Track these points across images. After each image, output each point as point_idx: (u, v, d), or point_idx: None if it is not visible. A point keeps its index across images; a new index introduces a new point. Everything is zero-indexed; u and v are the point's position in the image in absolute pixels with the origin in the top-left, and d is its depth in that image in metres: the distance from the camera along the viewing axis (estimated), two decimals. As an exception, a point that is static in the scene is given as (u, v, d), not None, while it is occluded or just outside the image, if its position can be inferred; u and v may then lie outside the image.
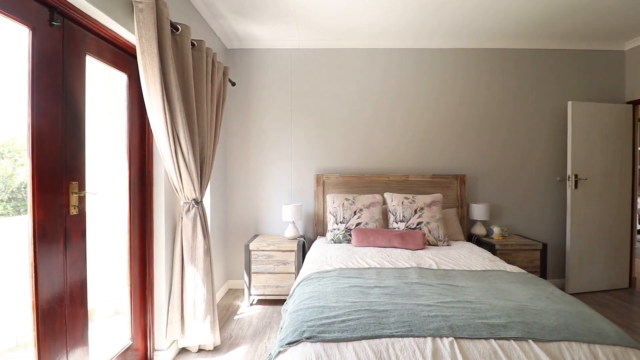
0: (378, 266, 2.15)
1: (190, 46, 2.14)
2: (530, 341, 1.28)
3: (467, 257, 2.39)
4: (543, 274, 2.99)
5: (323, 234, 3.32)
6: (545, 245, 3.01)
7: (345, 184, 3.36)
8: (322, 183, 3.36)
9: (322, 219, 3.35)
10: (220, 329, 2.56)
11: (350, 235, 2.86)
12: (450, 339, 1.28)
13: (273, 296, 2.95)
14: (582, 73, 3.47)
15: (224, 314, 2.83)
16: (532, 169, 3.47)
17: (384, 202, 3.23)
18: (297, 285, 1.92)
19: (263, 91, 3.45)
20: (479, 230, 3.24)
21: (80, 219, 1.58)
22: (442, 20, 2.94)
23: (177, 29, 1.99)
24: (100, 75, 2.27)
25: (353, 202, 3.01)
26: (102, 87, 2.31)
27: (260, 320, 2.70)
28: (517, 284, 1.77)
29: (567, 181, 3.23)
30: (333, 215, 3.01)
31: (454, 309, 1.46)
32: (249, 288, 2.96)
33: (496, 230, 3.13)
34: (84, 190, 1.60)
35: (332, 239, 2.90)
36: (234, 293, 3.32)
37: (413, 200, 2.98)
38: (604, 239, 3.32)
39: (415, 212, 2.92)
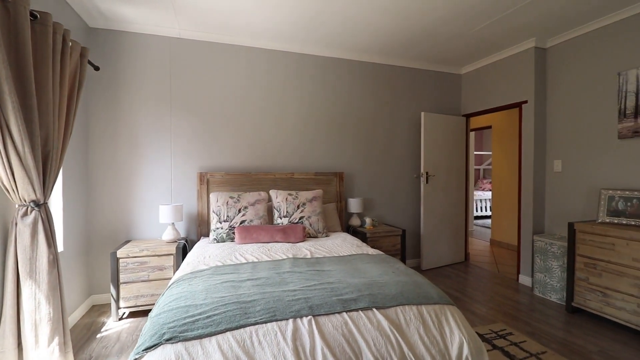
0: (256, 260, 2.20)
1: (30, 18, 1.79)
2: (374, 309, 1.51)
3: (339, 245, 2.65)
4: (403, 255, 3.55)
5: (207, 235, 3.20)
6: (404, 231, 3.58)
7: (232, 182, 3.30)
8: (206, 182, 3.23)
9: (207, 219, 3.22)
10: (78, 350, 2.22)
11: (234, 233, 2.84)
12: (309, 317, 1.41)
13: (147, 306, 2.70)
14: (432, 89, 4.24)
15: (84, 334, 2.45)
16: (395, 168, 4.07)
17: (270, 199, 3.31)
18: (167, 289, 1.81)
19: (137, 80, 3.10)
20: (355, 221, 3.63)
21: None
22: (324, 32, 3.22)
23: (8, -5, 1.64)
24: None
25: (238, 200, 2.99)
26: None
27: (130, 335, 2.43)
28: (373, 264, 2.06)
29: (421, 177, 3.90)
30: (217, 214, 2.93)
31: (315, 290, 1.62)
32: (116, 301, 2.63)
33: (368, 220, 3.56)
34: None
35: (215, 239, 2.82)
36: (99, 309, 2.90)
37: (296, 197, 3.14)
38: (447, 223, 4.14)
39: (298, 207, 3.08)
